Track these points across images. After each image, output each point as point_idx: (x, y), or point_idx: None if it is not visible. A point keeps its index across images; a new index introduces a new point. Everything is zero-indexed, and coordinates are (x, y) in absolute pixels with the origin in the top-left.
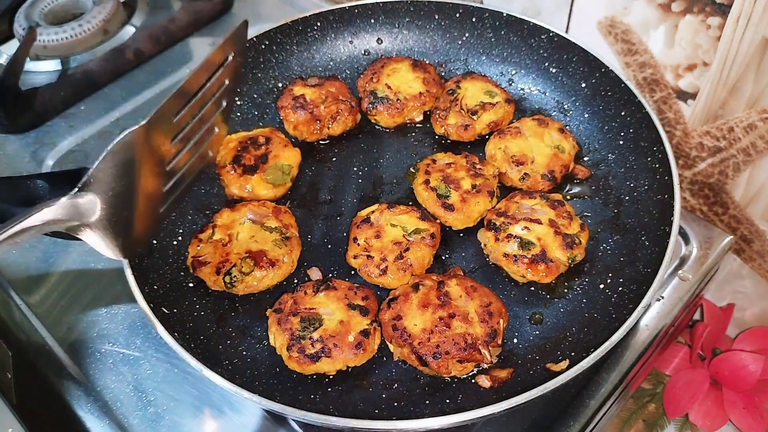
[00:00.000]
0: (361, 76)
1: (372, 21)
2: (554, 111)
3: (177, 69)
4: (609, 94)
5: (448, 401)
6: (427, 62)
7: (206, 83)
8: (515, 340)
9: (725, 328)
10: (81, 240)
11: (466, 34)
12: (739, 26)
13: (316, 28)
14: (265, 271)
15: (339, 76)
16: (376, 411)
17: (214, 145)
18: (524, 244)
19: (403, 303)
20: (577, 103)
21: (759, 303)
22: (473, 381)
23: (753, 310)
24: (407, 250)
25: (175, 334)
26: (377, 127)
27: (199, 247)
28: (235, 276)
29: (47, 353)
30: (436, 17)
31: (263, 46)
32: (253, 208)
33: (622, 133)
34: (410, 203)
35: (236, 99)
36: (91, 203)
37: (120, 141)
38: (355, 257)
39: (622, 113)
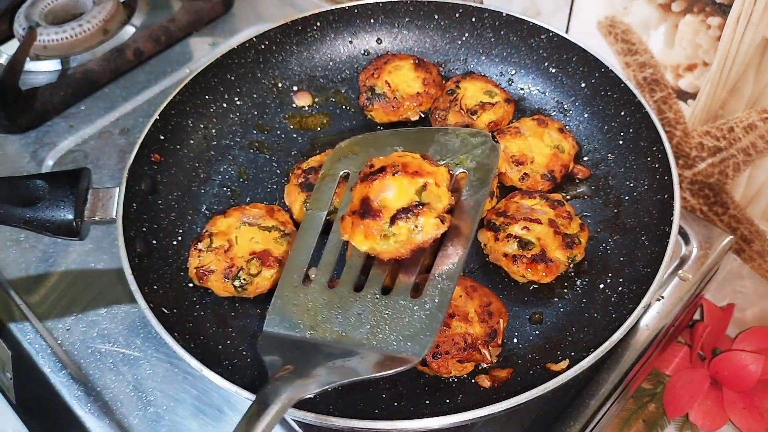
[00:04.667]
0: (364, 70)
1: (372, 21)
2: (554, 111)
3: (177, 69)
4: (609, 94)
5: (448, 401)
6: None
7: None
8: (515, 340)
9: (725, 328)
10: None
11: (466, 34)
12: (739, 26)
13: (315, 28)
14: (272, 269)
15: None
16: (376, 411)
17: None
18: (524, 244)
19: None
20: (577, 103)
21: (759, 303)
22: (473, 381)
23: (753, 310)
24: None
25: (175, 334)
26: (377, 126)
27: (200, 257)
28: (244, 279)
29: (47, 353)
30: (436, 17)
31: (263, 46)
32: (246, 211)
33: (621, 133)
34: None
35: (236, 100)
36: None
37: None
38: None
39: (622, 113)
